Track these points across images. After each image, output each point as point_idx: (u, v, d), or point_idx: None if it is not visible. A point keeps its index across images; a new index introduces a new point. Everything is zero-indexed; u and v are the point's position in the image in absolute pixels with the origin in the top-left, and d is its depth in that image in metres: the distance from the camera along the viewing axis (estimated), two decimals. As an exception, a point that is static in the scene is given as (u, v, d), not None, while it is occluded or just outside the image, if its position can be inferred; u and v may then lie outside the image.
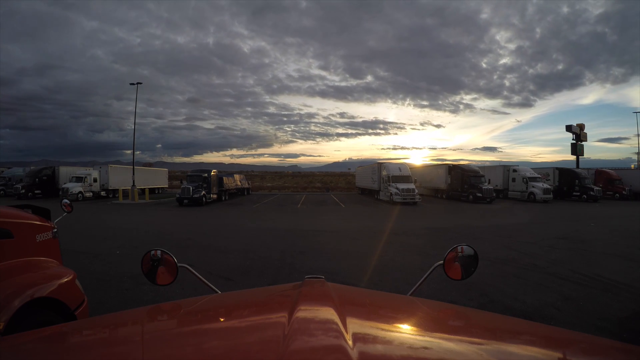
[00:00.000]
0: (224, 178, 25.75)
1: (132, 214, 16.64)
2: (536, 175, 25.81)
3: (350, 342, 0.60)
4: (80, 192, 24.53)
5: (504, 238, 9.56)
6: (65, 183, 25.61)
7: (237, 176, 30.48)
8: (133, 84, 27.34)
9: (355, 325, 0.73)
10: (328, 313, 0.79)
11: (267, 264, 6.45)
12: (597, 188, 25.68)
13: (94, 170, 27.06)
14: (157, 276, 1.35)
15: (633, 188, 27.46)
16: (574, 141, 36.37)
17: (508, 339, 0.85)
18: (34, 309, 2.00)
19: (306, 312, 0.81)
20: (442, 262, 1.35)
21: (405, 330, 0.85)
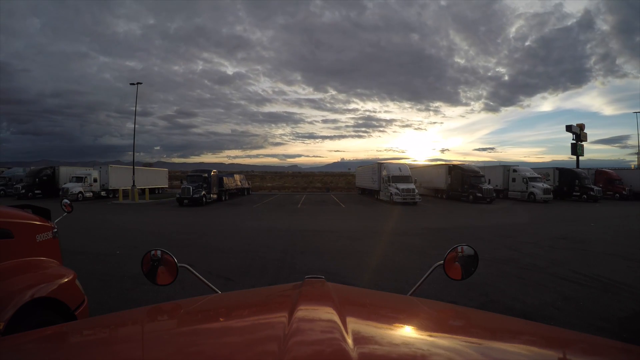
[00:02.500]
0: (224, 178, 25.75)
1: (132, 214, 16.64)
2: (536, 175, 25.79)
3: (350, 342, 0.60)
4: (80, 192, 24.52)
5: (504, 238, 9.55)
6: (65, 183, 25.61)
7: (237, 176, 30.48)
8: (133, 84, 27.36)
9: (355, 325, 0.73)
10: (328, 313, 0.79)
11: (267, 264, 6.45)
12: (597, 188, 25.66)
13: (94, 170, 27.03)
14: (157, 276, 1.35)
15: (633, 188, 27.46)
16: (574, 141, 36.37)
17: (508, 339, 0.85)
18: (34, 309, 2.00)
19: (306, 312, 0.81)
20: (442, 262, 1.35)
21: (405, 330, 0.84)
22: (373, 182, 27.52)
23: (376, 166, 26.56)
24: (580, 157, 36.00)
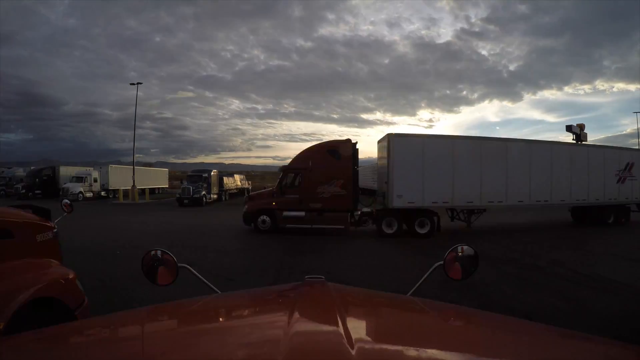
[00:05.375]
0: (224, 178, 25.76)
1: (132, 214, 16.64)
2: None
3: (350, 342, 0.60)
4: (80, 192, 24.50)
5: (504, 238, 9.55)
6: (65, 183, 25.60)
7: (237, 176, 30.47)
8: (133, 84, 27.33)
9: (356, 326, 0.73)
10: (328, 313, 0.79)
11: (267, 264, 6.46)
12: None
13: (94, 170, 27.02)
14: (157, 276, 1.35)
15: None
16: (574, 141, 36.39)
17: (508, 339, 0.85)
18: (34, 309, 2.00)
19: (306, 312, 0.81)
20: (442, 262, 1.35)
21: (405, 331, 0.84)
22: (373, 181, 27.47)
23: (376, 166, 26.52)
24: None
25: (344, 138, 12.63)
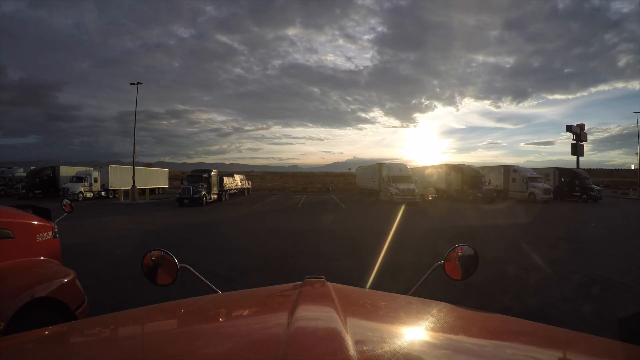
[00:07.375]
0: (224, 178, 25.72)
1: (132, 214, 16.64)
2: (536, 175, 25.81)
3: (350, 342, 0.60)
4: (80, 192, 24.49)
5: (504, 238, 9.55)
6: (65, 183, 25.59)
7: (237, 176, 30.44)
8: (133, 83, 27.31)
9: (356, 325, 0.73)
10: (328, 313, 0.79)
11: (267, 264, 6.46)
12: (598, 188, 25.63)
13: (95, 170, 27.00)
14: (157, 276, 1.35)
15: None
16: (574, 141, 36.36)
17: (508, 339, 0.85)
18: (34, 309, 2.00)
19: (306, 312, 0.81)
20: (442, 262, 1.35)
21: (405, 331, 0.84)
22: (373, 182, 27.48)
23: (376, 166, 26.53)
24: (527, 159, 36.14)
25: (327, 140, 13.66)
